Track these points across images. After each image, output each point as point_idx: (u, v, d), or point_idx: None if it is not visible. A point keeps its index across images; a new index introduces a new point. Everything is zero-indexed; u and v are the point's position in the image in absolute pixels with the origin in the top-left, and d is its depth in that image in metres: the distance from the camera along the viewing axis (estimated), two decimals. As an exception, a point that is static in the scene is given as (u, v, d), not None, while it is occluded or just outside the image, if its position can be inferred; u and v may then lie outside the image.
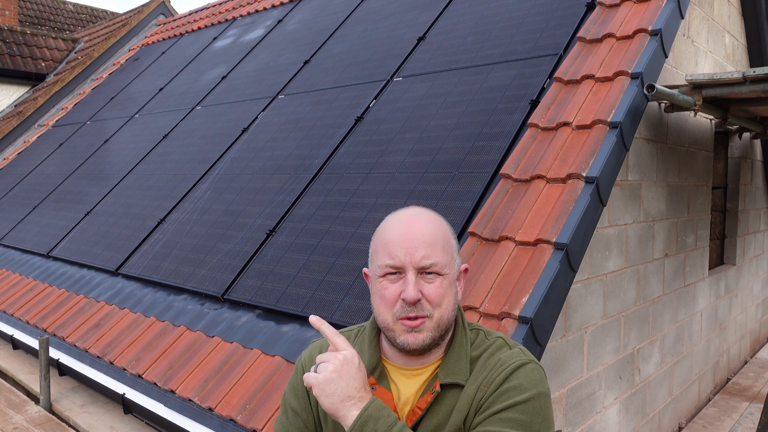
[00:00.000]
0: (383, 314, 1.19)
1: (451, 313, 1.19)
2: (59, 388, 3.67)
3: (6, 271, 5.07)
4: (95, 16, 14.42)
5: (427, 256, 1.16)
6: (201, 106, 5.77)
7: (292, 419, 1.29)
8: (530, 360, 1.20)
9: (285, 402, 1.33)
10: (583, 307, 3.03)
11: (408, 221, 1.20)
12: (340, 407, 1.11)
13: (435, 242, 1.17)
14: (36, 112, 8.67)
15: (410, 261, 1.15)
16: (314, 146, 4.03)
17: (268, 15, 6.92)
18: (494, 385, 1.15)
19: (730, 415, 4.58)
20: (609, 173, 2.76)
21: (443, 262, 1.17)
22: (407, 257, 1.16)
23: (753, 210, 5.89)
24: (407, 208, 1.25)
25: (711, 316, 4.85)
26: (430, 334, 1.16)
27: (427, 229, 1.18)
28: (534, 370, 1.18)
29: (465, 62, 3.89)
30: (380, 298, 1.19)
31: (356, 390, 1.12)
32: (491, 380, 1.16)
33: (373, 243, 1.25)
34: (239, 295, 3.25)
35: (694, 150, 4.31)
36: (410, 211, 1.23)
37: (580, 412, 3.05)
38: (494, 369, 1.18)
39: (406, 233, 1.18)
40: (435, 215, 1.24)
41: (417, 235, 1.17)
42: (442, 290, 1.17)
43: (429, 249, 1.16)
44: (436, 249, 1.17)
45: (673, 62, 3.77)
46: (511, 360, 1.18)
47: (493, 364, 1.19)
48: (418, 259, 1.15)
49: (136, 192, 5.00)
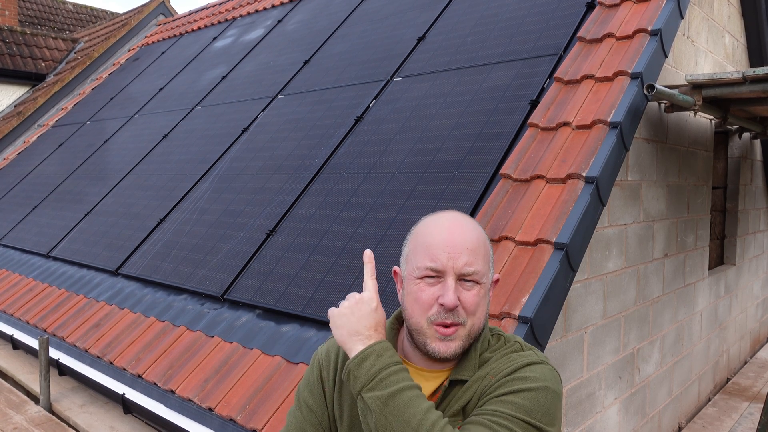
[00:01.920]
0: (417, 317, 1.17)
1: (482, 322, 1.19)
2: (59, 388, 3.67)
3: (6, 271, 5.07)
4: (95, 16, 14.42)
5: (469, 263, 1.14)
6: (201, 106, 5.77)
7: (306, 415, 1.28)
8: (543, 360, 1.18)
9: (299, 396, 1.32)
10: (583, 307, 3.03)
11: (451, 226, 1.18)
12: (347, 340, 1.17)
13: (477, 250, 1.16)
14: (36, 112, 8.67)
15: (452, 266, 1.14)
16: (314, 146, 4.03)
17: (268, 15, 6.92)
18: (501, 375, 1.15)
19: (730, 415, 4.58)
20: (609, 173, 2.76)
21: (483, 271, 1.16)
22: (450, 262, 1.14)
23: (753, 210, 5.89)
24: (447, 212, 1.22)
25: (711, 316, 4.85)
26: (461, 342, 1.16)
27: (470, 235, 1.17)
28: (546, 368, 1.16)
29: (465, 62, 3.89)
30: (415, 300, 1.17)
31: (366, 328, 1.16)
32: (498, 371, 1.16)
33: (410, 243, 1.22)
34: (239, 295, 3.25)
35: (694, 150, 4.31)
36: (452, 215, 1.21)
37: (580, 412, 3.05)
38: (504, 361, 1.18)
39: (449, 237, 1.16)
40: (476, 222, 1.22)
41: (461, 240, 1.15)
42: (478, 299, 1.16)
43: (472, 256, 1.15)
44: (478, 257, 1.16)
45: (673, 62, 3.77)
46: (523, 358, 1.18)
47: (505, 358, 1.19)
48: (461, 265, 1.14)
49: (136, 192, 5.00)
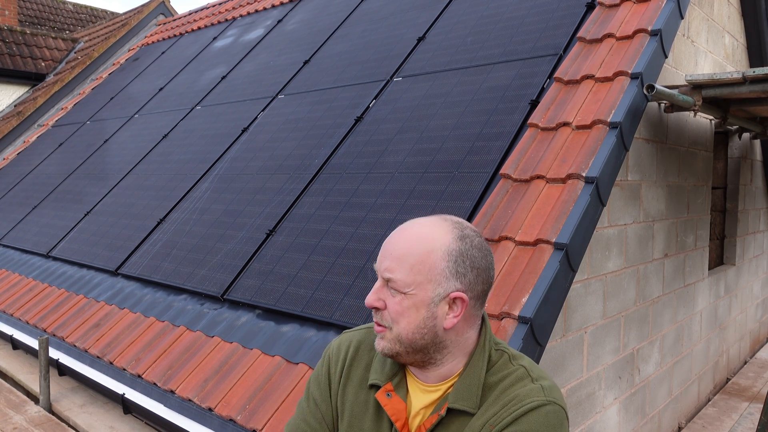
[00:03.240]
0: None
1: (413, 334, 1.13)
2: (59, 388, 3.66)
3: (6, 271, 5.07)
4: (95, 16, 14.42)
5: (389, 269, 1.14)
6: (201, 106, 5.77)
7: (312, 408, 1.29)
8: (550, 401, 1.10)
9: (308, 388, 1.33)
10: (583, 307, 3.03)
11: (399, 229, 1.19)
12: None
13: (402, 258, 1.13)
14: (36, 112, 8.66)
15: (378, 268, 1.17)
16: (314, 146, 4.03)
17: (268, 15, 6.92)
18: (500, 427, 1.08)
19: (729, 415, 4.58)
20: (609, 173, 2.76)
21: (405, 281, 1.12)
22: (378, 264, 1.17)
23: (753, 210, 5.89)
24: (423, 218, 1.20)
25: (711, 316, 4.85)
26: (389, 345, 1.16)
27: (403, 243, 1.14)
28: (550, 413, 1.09)
29: (465, 62, 3.89)
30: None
31: None
32: (499, 420, 1.09)
33: None
34: (239, 295, 3.25)
35: (694, 150, 4.31)
36: (411, 222, 1.20)
37: (580, 412, 3.05)
38: (506, 407, 1.10)
39: (388, 240, 1.18)
40: (434, 232, 1.15)
41: (390, 246, 1.16)
42: (400, 308, 1.13)
43: (394, 263, 1.14)
44: (401, 266, 1.13)
45: (672, 62, 3.77)
46: (528, 399, 1.10)
47: (508, 400, 1.11)
48: (382, 269, 1.16)
49: (135, 192, 5.00)
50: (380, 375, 1.23)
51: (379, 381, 1.22)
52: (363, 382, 1.26)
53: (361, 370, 1.27)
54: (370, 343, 1.29)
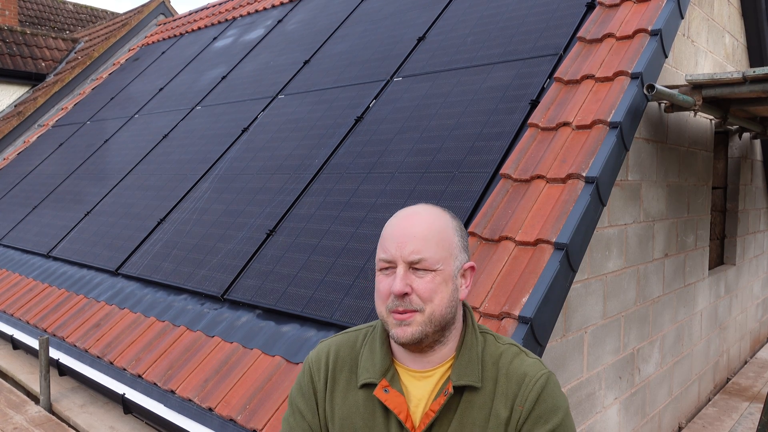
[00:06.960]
0: (379, 307, 1.21)
1: (446, 309, 1.18)
2: (59, 388, 3.67)
3: (6, 271, 5.07)
4: (95, 16, 14.42)
5: (416, 251, 1.16)
6: (201, 106, 5.77)
7: (298, 420, 1.29)
8: (549, 371, 1.23)
9: (292, 401, 1.32)
10: (583, 307, 3.03)
11: (405, 216, 1.21)
12: None
13: (427, 237, 1.17)
14: (36, 112, 8.67)
15: (400, 255, 1.17)
16: (314, 146, 4.03)
17: (268, 15, 6.92)
18: (528, 405, 1.18)
19: (730, 415, 4.58)
20: (609, 173, 2.76)
21: (435, 258, 1.17)
22: (397, 252, 1.17)
23: (753, 210, 5.89)
24: (413, 206, 1.25)
25: (711, 316, 4.85)
26: (420, 328, 1.16)
27: (421, 224, 1.18)
28: (555, 383, 1.21)
29: (465, 62, 3.89)
30: (376, 292, 1.21)
31: None
32: (524, 398, 1.18)
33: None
34: (239, 295, 3.25)
35: (694, 150, 4.31)
36: (412, 208, 1.23)
37: (580, 412, 3.05)
38: (524, 385, 1.19)
39: (399, 228, 1.19)
40: (438, 211, 1.23)
41: (409, 229, 1.18)
42: (433, 285, 1.16)
43: (419, 244, 1.16)
44: (428, 244, 1.17)
45: (673, 62, 3.77)
46: (536, 374, 1.20)
47: (519, 377, 1.20)
48: (407, 253, 1.16)
49: (136, 192, 5.00)
50: (372, 373, 1.23)
51: (374, 379, 1.22)
52: (350, 384, 1.26)
53: (346, 373, 1.27)
54: (349, 347, 1.30)
